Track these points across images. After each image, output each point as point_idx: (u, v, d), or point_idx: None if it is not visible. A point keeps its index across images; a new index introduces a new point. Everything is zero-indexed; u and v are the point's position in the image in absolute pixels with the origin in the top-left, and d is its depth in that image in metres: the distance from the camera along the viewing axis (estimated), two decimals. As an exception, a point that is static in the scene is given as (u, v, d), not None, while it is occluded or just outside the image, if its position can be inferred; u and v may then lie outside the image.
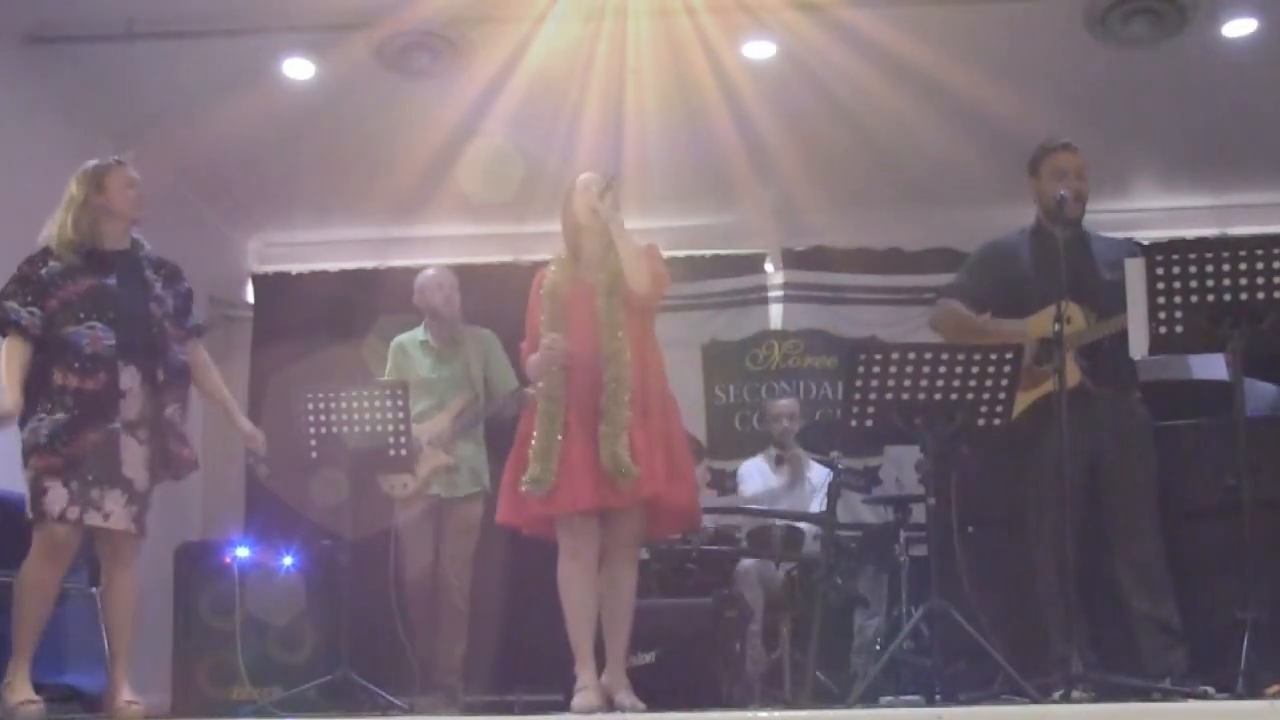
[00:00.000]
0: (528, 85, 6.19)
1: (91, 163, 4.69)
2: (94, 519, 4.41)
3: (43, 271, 4.51)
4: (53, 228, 4.59)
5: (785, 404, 6.86)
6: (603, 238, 4.56)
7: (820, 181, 7.00)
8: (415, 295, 6.07)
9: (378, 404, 5.05)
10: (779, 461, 6.72)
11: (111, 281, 4.56)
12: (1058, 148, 4.88)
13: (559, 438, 4.37)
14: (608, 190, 4.52)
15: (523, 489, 4.39)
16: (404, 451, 5.12)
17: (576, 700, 4.31)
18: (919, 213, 7.59)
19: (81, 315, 4.47)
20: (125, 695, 4.48)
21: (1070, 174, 4.79)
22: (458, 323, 6.02)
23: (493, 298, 6.62)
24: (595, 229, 4.56)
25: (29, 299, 4.47)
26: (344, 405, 5.05)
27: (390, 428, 5.06)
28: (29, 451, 4.41)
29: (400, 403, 5.08)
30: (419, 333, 6.06)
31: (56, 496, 4.36)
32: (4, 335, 4.48)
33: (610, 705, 4.33)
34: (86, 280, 4.52)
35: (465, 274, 7.53)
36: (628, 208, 4.69)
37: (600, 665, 4.44)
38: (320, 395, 5.06)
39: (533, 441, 4.41)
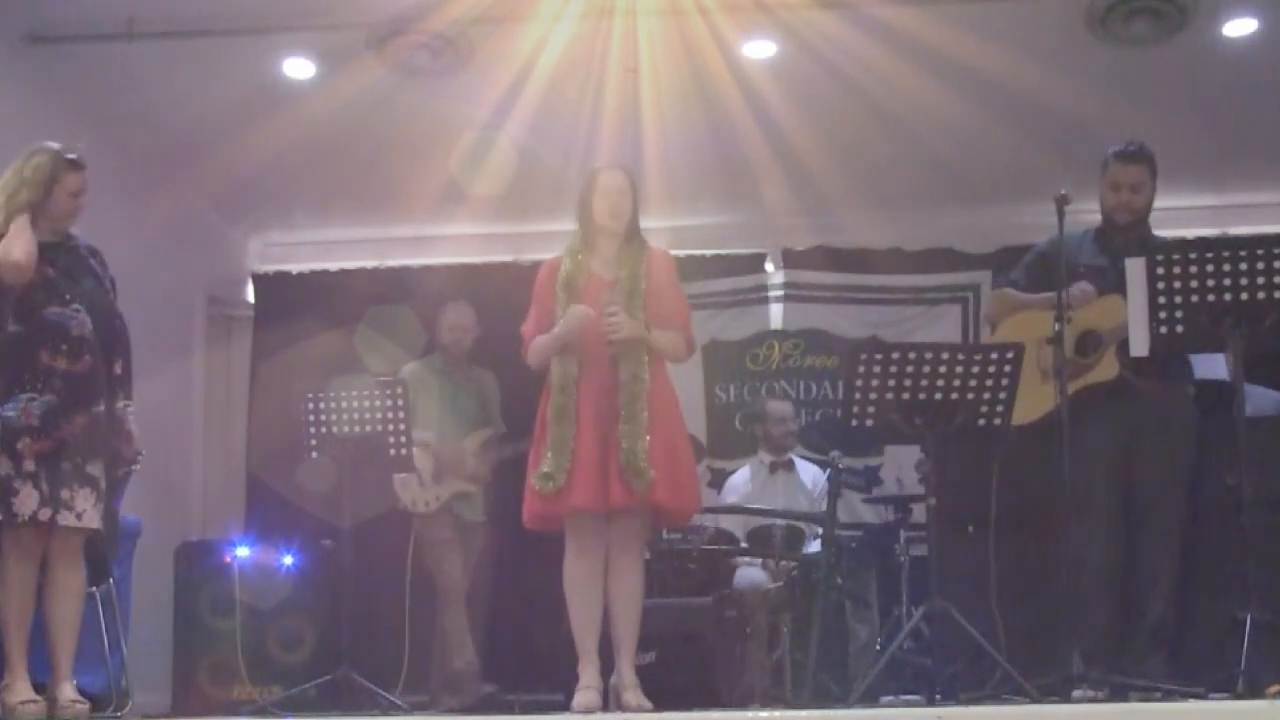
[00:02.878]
0: (528, 84, 6.18)
1: (43, 155, 4.51)
2: (67, 519, 4.32)
3: None
4: None
5: (784, 406, 6.77)
6: (620, 238, 4.58)
7: (821, 181, 6.98)
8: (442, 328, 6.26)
9: (378, 403, 5.06)
10: (773, 469, 6.57)
11: (70, 270, 4.46)
12: (1117, 159, 4.86)
13: (572, 432, 4.37)
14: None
15: (534, 484, 4.39)
16: (404, 451, 5.13)
17: (577, 699, 4.31)
18: (919, 213, 7.57)
19: (67, 297, 4.40)
20: (69, 694, 4.37)
21: (1124, 188, 4.80)
22: (468, 359, 6.23)
23: (493, 298, 6.61)
24: (613, 230, 4.58)
25: None
26: (344, 404, 5.05)
27: (390, 426, 5.06)
28: (19, 432, 4.25)
29: (400, 401, 5.08)
30: (434, 359, 6.23)
31: (27, 497, 4.25)
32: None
33: (615, 704, 4.33)
34: (49, 267, 4.39)
35: (465, 274, 7.58)
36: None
37: (603, 664, 4.44)
38: (320, 395, 5.07)
39: (546, 434, 4.41)
